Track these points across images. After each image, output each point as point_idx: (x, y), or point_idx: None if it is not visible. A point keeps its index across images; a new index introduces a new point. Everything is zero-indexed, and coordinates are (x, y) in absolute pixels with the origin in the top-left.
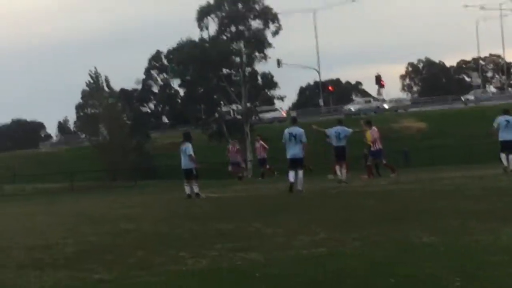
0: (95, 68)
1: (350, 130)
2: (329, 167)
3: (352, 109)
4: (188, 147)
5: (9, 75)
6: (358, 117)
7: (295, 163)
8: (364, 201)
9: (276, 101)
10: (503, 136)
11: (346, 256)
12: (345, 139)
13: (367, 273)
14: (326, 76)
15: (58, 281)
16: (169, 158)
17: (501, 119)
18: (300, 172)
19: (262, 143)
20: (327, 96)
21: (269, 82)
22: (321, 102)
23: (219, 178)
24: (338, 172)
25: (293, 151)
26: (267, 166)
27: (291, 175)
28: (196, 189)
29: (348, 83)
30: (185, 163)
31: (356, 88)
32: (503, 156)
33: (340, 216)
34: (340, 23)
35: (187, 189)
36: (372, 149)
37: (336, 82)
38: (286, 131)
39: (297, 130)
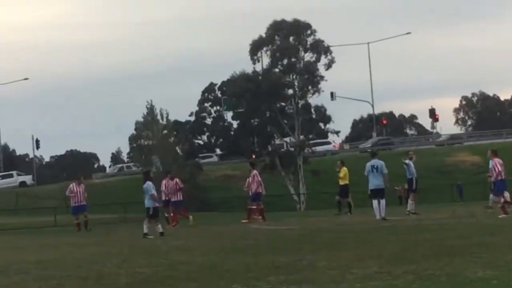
0: (151, 100)
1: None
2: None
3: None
4: (148, 186)
5: (66, 107)
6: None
7: (378, 193)
8: (418, 235)
9: (329, 134)
10: None
11: None
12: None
13: None
14: (379, 109)
15: None
16: (222, 190)
17: None
18: (382, 201)
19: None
20: (380, 129)
21: (323, 115)
22: (374, 135)
23: (273, 210)
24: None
25: (376, 182)
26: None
27: (375, 204)
28: (146, 229)
29: (401, 116)
30: (147, 202)
31: (410, 121)
32: None
33: (394, 250)
34: (394, 56)
35: (145, 228)
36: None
37: (390, 115)
38: (368, 164)
39: (378, 162)
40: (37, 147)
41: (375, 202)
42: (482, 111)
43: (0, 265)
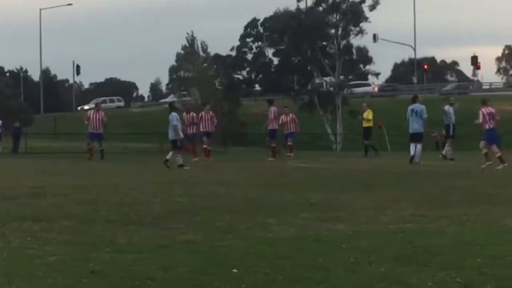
0: (192, 32)
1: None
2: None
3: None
4: (172, 117)
5: (109, 37)
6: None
7: (416, 137)
8: (454, 181)
9: (369, 76)
10: None
11: (434, 234)
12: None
13: (454, 252)
14: (421, 53)
15: (144, 237)
16: (260, 126)
17: None
18: (419, 146)
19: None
20: (421, 74)
21: (364, 57)
22: (414, 79)
23: (310, 148)
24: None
25: (414, 125)
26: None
27: (412, 148)
28: (169, 156)
29: (443, 62)
30: (170, 133)
31: (451, 68)
32: None
33: (429, 194)
34: (440, 1)
35: (178, 160)
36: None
37: (431, 61)
38: (409, 107)
39: (419, 106)
40: (77, 73)
41: (412, 146)
42: None
43: (39, 187)
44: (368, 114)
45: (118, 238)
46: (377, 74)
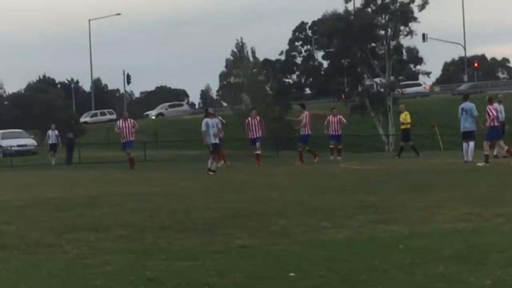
0: (241, 38)
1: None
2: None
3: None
4: (203, 123)
5: (158, 45)
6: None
7: (468, 136)
8: (508, 179)
9: (420, 76)
10: None
11: (490, 232)
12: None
13: (511, 249)
14: (471, 51)
15: (199, 244)
16: (311, 129)
17: None
18: (471, 144)
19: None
20: (472, 72)
21: (414, 57)
22: (465, 78)
23: (362, 150)
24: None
25: (465, 124)
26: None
27: (465, 146)
28: (209, 164)
29: (493, 59)
30: (208, 138)
31: (502, 65)
32: None
33: (484, 192)
34: None
35: (209, 164)
36: None
37: (482, 58)
38: (459, 107)
39: (468, 105)
40: (128, 82)
41: (465, 144)
42: None
43: (93, 196)
44: (406, 117)
45: (172, 245)
46: (428, 74)
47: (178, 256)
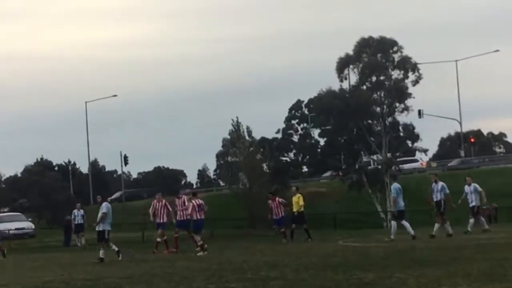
0: (237, 117)
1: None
2: None
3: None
4: (101, 206)
5: (155, 125)
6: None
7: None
8: (507, 253)
9: (417, 152)
10: None
11: None
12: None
13: None
14: (467, 127)
15: None
16: (308, 207)
17: None
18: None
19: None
20: (468, 147)
21: (411, 134)
22: (462, 153)
23: (360, 227)
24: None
25: (401, 203)
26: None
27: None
28: (101, 253)
29: (490, 133)
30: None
31: (499, 139)
32: None
33: (482, 267)
34: (483, 73)
35: (101, 253)
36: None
37: (478, 133)
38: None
39: (395, 185)
40: (125, 163)
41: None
42: None
43: (92, 279)
44: (299, 199)
45: None
46: (424, 151)
47: None
